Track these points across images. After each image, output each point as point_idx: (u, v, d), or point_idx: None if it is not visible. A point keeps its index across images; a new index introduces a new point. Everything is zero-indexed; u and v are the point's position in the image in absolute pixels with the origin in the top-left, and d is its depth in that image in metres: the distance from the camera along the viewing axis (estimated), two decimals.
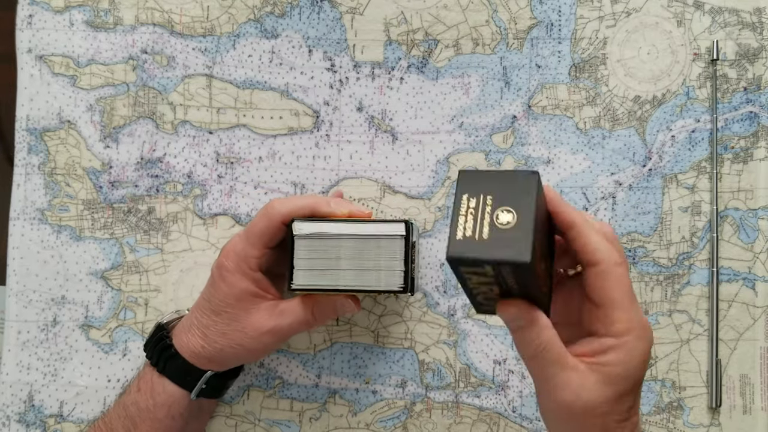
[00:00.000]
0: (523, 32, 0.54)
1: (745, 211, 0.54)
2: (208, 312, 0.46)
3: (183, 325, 0.48)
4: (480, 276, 0.35)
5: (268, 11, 0.55)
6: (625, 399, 0.37)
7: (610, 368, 0.37)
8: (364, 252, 0.44)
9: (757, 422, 0.53)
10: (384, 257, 0.44)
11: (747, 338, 0.53)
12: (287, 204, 0.46)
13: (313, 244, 0.44)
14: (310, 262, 0.44)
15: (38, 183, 0.54)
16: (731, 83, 0.54)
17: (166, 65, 0.55)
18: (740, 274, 0.53)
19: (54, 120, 0.54)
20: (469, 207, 0.34)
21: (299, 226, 0.45)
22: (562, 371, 0.37)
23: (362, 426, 0.53)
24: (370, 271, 0.44)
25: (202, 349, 0.46)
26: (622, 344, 0.37)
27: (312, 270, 0.44)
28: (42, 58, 0.54)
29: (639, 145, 0.54)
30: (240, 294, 0.46)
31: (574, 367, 0.37)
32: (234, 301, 0.46)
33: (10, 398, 0.53)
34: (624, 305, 0.37)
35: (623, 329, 0.37)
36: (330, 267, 0.44)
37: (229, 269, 0.46)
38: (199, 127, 0.54)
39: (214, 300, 0.46)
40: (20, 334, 0.53)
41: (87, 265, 0.54)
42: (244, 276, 0.46)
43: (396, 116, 0.54)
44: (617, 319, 0.37)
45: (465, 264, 0.34)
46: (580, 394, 0.36)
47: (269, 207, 0.46)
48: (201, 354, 0.46)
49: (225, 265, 0.46)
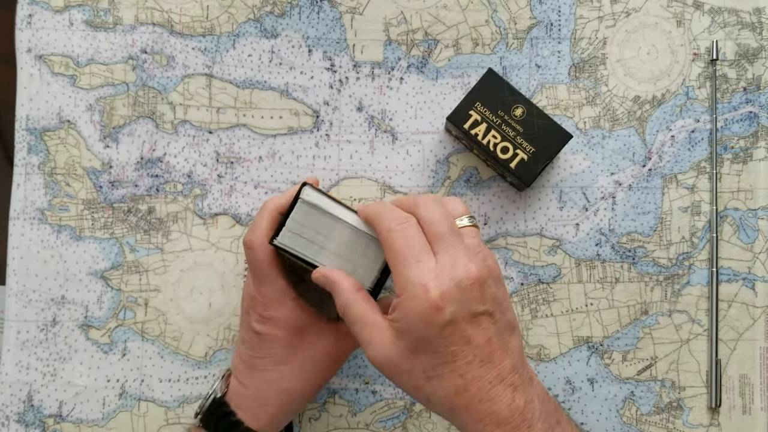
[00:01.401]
0: (523, 32, 0.54)
1: (745, 212, 0.54)
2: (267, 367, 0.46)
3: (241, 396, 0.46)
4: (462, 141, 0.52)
5: (267, 11, 0.55)
6: (419, 356, 0.39)
7: (396, 324, 0.39)
8: (352, 243, 0.44)
9: (757, 422, 0.53)
10: (368, 256, 0.44)
11: (747, 338, 0.53)
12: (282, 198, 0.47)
13: (311, 214, 0.44)
14: (301, 228, 0.44)
15: (38, 183, 0.54)
16: (731, 83, 0.54)
17: (166, 65, 0.55)
18: (740, 274, 0.53)
19: (54, 120, 0.54)
20: None
21: (308, 192, 0.44)
22: (365, 328, 0.40)
23: (362, 426, 0.53)
24: (349, 263, 0.44)
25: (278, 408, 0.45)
26: (400, 302, 0.39)
27: (299, 236, 0.44)
28: (42, 57, 0.54)
29: (639, 145, 0.54)
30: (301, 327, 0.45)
31: (375, 325, 0.40)
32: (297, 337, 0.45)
33: (10, 398, 0.53)
34: (397, 268, 0.39)
35: (399, 289, 0.39)
36: (316, 242, 0.44)
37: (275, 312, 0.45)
38: (199, 127, 0.54)
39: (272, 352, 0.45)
40: (20, 334, 0.53)
41: (87, 265, 0.54)
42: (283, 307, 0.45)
43: (396, 116, 0.54)
44: (395, 280, 0.40)
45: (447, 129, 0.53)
46: (378, 350, 0.40)
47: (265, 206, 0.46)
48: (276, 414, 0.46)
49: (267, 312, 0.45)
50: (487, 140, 0.49)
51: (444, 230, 0.40)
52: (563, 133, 0.50)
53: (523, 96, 0.50)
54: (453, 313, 0.38)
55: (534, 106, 0.50)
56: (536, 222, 0.54)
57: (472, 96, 0.50)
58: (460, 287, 0.38)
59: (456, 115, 0.50)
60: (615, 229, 0.54)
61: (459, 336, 0.38)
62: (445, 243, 0.40)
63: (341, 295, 0.41)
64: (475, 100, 0.50)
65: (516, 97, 0.50)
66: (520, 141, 0.49)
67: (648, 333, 0.53)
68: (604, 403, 0.53)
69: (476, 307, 0.39)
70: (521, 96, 0.50)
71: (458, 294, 0.38)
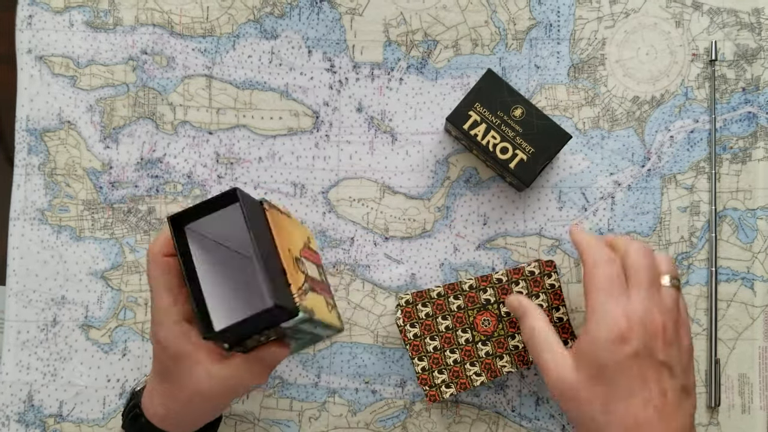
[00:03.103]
0: (522, 33, 0.55)
1: (744, 211, 0.54)
2: (157, 377, 0.43)
3: (147, 392, 0.44)
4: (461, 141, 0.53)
5: (267, 12, 0.55)
6: (598, 386, 0.41)
7: (580, 353, 0.42)
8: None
9: (756, 421, 0.53)
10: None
11: (745, 338, 0.53)
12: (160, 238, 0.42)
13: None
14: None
15: (38, 183, 0.54)
16: (730, 84, 0.54)
17: (166, 66, 0.55)
18: (739, 273, 0.54)
19: (54, 120, 0.54)
20: None
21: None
22: (547, 354, 0.43)
23: (362, 426, 0.53)
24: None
25: (166, 414, 0.43)
26: (588, 330, 0.42)
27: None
28: (42, 58, 0.54)
29: (638, 146, 0.54)
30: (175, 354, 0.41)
31: (558, 352, 0.43)
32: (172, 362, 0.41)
33: (10, 398, 0.53)
34: (593, 298, 0.42)
35: (589, 315, 0.42)
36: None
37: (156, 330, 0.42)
38: (198, 128, 0.55)
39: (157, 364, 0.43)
40: (20, 334, 0.53)
41: (87, 265, 0.54)
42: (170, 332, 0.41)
43: (395, 117, 0.55)
44: (588, 309, 0.42)
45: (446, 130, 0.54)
46: (559, 375, 0.42)
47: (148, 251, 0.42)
48: (167, 418, 0.43)
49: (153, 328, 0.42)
50: (487, 141, 0.49)
51: (643, 279, 0.42)
52: (562, 134, 0.50)
53: (523, 96, 0.50)
54: (636, 348, 0.41)
55: (533, 106, 0.50)
56: (536, 222, 0.54)
57: (471, 97, 0.50)
58: (646, 330, 0.41)
59: (455, 116, 0.50)
60: (614, 229, 0.54)
61: (638, 372, 0.41)
62: (641, 291, 0.42)
63: (532, 322, 0.45)
64: (475, 100, 0.50)
65: (515, 98, 0.50)
66: (520, 141, 0.49)
67: None
68: None
69: (658, 353, 0.41)
70: (520, 96, 0.50)
71: (643, 334, 0.41)
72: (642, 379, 0.41)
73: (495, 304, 0.51)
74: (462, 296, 0.51)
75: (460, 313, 0.51)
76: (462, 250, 0.54)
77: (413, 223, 0.54)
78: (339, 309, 0.51)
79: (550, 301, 0.51)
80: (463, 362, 0.51)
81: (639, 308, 0.41)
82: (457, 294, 0.51)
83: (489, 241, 0.54)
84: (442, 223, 0.54)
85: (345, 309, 0.54)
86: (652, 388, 0.41)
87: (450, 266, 0.54)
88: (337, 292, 0.54)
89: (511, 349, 0.50)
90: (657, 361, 0.41)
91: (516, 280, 0.51)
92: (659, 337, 0.41)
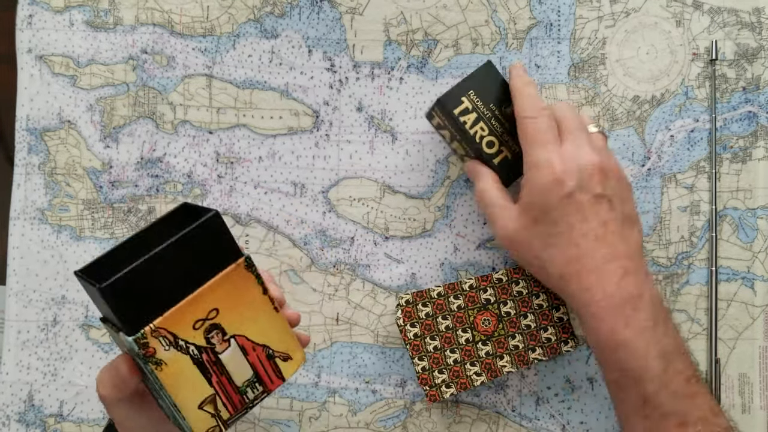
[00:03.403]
0: (523, 32, 0.54)
1: (744, 211, 0.54)
2: None
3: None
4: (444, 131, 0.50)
5: (267, 11, 0.55)
6: (539, 226, 0.44)
7: (522, 200, 0.45)
8: None
9: (756, 421, 0.53)
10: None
11: (746, 337, 0.53)
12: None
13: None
14: None
15: (38, 183, 0.54)
16: (730, 83, 0.54)
17: (166, 65, 0.55)
18: (739, 273, 0.54)
19: (54, 120, 0.54)
20: None
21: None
22: (496, 208, 0.47)
23: (362, 425, 0.53)
24: None
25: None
26: (527, 179, 0.45)
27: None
28: (42, 58, 0.54)
29: (638, 145, 0.54)
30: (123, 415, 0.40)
31: (504, 206, 0.47)
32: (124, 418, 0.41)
33: (10, 398, 0.53)
34: (527, 149, 0.45)
35: (527, 167, 0.45)
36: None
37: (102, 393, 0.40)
38: (199, 127, 0.55)
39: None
40: (20, 334, 0.53)
41: None
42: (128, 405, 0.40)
43: (396, 116, 0.55)
44: (525, 161, 0.45)
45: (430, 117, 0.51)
46: (504, 224, 0.46)
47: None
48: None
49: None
50: (475, 131, 0.49)
51: (574, 125, 0.46)
52: None
53: None
54: (573, 188, 0.43)
55: None
56: None
57: (466, 84, 0.49)
58: (581, 169, 0.44)
59: (447, 99, 0.48)
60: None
61: (576, 209, 0.43)
62: (572, 135, 0.45)
63: (481, 182, 0.48)
64: (469, 88, 0.49)
65: (510, 95, 0.49)
66: (507, 139, 0.49)
67: None
68: (604, 402, 0.53)
69: (595, 188, 0.43)
70: None
71: (579, 174, 0.43)
72: (581, 213, 0.43)
73: (495, 303, 0.51)
74: (462, 296, 0.51)
75: (461, 312, 0.51)
76: (462, 249, 0.54)
77: (413, 222, 0.54)
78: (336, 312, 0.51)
79: (550, 300, 0.51)
80: (463, 362, 0.51)
81: (571, 149, 0.44)
82: (457, 294, 0.51)
83: (489, 241, 0.54)
84: (443, 222, 0.54)
85: (345, 309, 0.54)
86: (591, 220, 0.43)
87: (450, 266, 0.54)
88: (338, 291, 0.54)
89: (512, 349, 0.50)
90: (594, 195, 0.43)
91: (516, 279, 0.51)
92: (595, 173, 0.44)
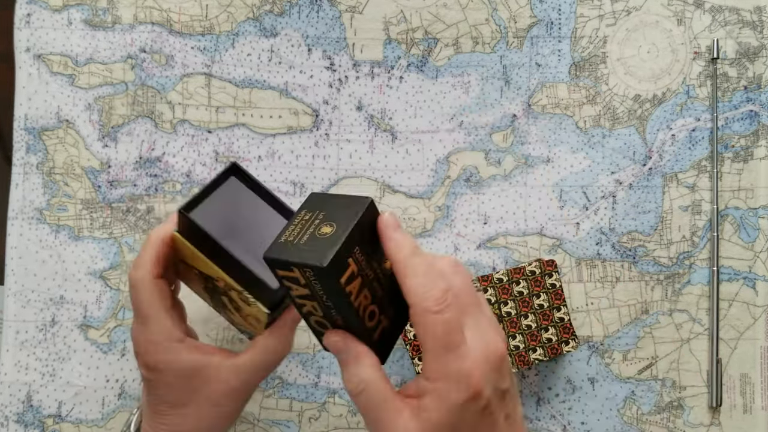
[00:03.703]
0: (523, 31, 0.54)
1: (746, 210, 0.54)
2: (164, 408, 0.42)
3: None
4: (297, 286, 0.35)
5: (267, 10, 0.54)
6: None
7: (427, 414, 0.35)
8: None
9: (758, 421, 0.53)
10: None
11: (747, 337, 0.53)
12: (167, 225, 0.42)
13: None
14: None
15: (36, 182, 0.54)
16: (731, 82, 0.54)
17: (165, 64, 0.54)
18: (741, 273, 0.53)
19: (52, 119, 0.54)
20: (302, 219, 0.36)
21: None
22: (386, 414, 0.35)
23: (362, 426, 0.53)
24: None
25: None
26: (434, 390, 0.35)
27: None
28: (40, 57, 0.54)
29: (639, 144, 0.54)
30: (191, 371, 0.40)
31: (397, 411, 0.35)
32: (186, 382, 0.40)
33: (9, 398, 0.53)
34: (435, 353, 0.35)
35: (434, 376, 0.35)
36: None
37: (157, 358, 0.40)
38: (198, 126, 0.54)
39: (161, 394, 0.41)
40: (18, 334, 0.53)
41: (85, 265, 0.54)
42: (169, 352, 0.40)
43: (395, 115, 0.54)
44: (428, 366, 0.35)
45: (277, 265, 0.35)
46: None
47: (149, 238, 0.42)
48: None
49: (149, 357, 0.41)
50: (359, 302, 0.35)
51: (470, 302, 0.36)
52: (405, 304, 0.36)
53: None
54: (487, 397, 0.35)
55: None
56: (536, 221, 0.54)
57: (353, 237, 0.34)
58: (492, 368, 0.35)
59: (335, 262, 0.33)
60: (615, 228, 0.54)
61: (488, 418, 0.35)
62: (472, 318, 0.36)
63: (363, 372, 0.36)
64: (355, 242, 0.34)
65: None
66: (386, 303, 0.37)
67: (648, 332, 0.53)
68: (605, 402, 0.53)
69: (502, 385, 0.36)
70: None
71: (490, 374, 0.35)
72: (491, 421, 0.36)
73: (495, 304, 0.51)
74: None
75: None
76: (462, 249, 0.54)
77: (413, 222, 0.54)
78: None
79: (551, 301, 0.50)
80: None
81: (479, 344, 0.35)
82: None
83: (489, 241, 0.54)
84: (443, 222, 0.54)
85: None
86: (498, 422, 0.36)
87: None
88: None
89: (512, 350, 0.50)
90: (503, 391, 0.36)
91: (517, 279, 0.51)
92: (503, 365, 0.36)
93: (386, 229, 0.36)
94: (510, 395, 0.37)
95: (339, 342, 0.37)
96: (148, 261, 0.41)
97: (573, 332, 0.51)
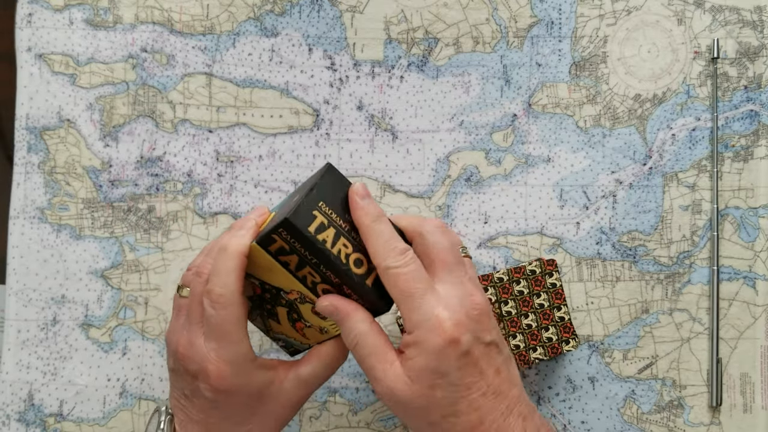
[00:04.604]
0: (524, 30, 0.54)
1: (746, 210, 0.54)
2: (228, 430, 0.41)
3: None
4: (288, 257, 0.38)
5: (267, 9, 0.55)
6: (436, 391, 0.37)
7: (411, 362, 0.38)
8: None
9: (758, 421, 0.53)
10: None
11: (747, 337, 0.53)
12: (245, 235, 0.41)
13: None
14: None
15: (38, 182, 0.54)
16: (732, 81, 0.54)
17: (166, 64, 0.54)
18: (741, 272, 0.53)
19: (54, 118, 0.54)
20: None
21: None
22: (378, 364, 0.38)
23: (362, 425, 0.53)
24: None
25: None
26: (414, 339, 0.38)
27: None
28: (41, 56, 0.54)
29: (639, 144, 0.54)
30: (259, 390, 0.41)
31: (388, 362, 0.38)
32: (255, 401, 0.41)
33: (10, 397, 0.53)
34: (405, 305, 0.38)
35: (410, 325, 0.38)
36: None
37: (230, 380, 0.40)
38: (198, 126, 0.54)
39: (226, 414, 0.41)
40: (20, 333, 0.53)
41: (87, 264, 0.54)
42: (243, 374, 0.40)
43: (396, 115, 0.54)
44: (404, 317, 0.38)
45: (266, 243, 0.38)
46: (392, 388, 0.38)
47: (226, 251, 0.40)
48: None
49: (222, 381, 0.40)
50: (338, 249, 0.38)
51: (452, 260, 0.39)
52: None
53: None
54: (468, 344, 0.37)
55: None
56: (537, 221, 0.54)
57: (313, 195, 0.38)
58: (470, 317, 0.38)
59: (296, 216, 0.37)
60: (616, 227, 0.54)
61: (473, 367, 0.38)
62: (452, 273, 0.39)
63: (356, 326, 0.39)
64: (318, 198, 0.38)
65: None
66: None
67: (649, 332, 0.53)
68: (605, 401, 0.53)
69: (485, 337, 0.38)
70: None
71: (470, 324, 0.38)
72: (477, 368, 0.38)
73: (496, 303, 0.51)
74: None
75: None
76: None
77: None
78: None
79: (551, 301, 0.50)
80: None
81: (453, 292, 0.38)
82: None
83: (490, 240, 0.54)
84: (443, 221, 0.54)
85: None
86: (486, 373, 0.38)
87: None
88: None
89: (513, 349, 0.50)
90: (486, 344, 0.38)
91: (517, 279, 0.51)
92: (483, 318, 0.38)
93: (354, 196, 0.39)
94: (499, 351, 0.39)
95: (329, 306, 0.40)
96: (232, 275, 0.39)
97: (573, 331, 0.51)
